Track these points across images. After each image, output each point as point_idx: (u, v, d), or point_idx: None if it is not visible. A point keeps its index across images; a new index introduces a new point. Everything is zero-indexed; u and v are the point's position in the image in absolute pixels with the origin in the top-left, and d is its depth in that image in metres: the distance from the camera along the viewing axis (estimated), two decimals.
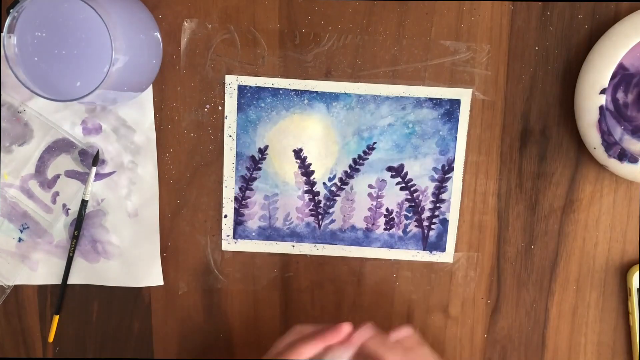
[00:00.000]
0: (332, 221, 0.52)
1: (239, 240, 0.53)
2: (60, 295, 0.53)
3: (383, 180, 0.51)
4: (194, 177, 0.52)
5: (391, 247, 0.52)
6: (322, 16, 0.49)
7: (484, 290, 0.53)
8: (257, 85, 0.50)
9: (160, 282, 0.53)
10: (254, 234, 0.53)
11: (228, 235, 0.53)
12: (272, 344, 0.54)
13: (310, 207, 0.52)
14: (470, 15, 0.49)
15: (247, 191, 0.52)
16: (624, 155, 0.47)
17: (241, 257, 0.53)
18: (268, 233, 0.53)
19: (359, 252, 0.53)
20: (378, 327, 0.45)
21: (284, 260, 0.53)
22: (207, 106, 0.51)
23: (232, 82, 0.50)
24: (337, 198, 0.52)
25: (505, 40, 0.49)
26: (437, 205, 0.52)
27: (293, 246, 0.53)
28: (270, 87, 0.50)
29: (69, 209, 0.52)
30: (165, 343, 0.55)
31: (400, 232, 0.52)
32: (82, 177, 0.52)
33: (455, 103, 0.50)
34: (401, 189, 0.52)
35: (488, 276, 0.53)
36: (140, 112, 0.50)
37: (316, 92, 0.50)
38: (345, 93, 0.50)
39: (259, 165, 0.52)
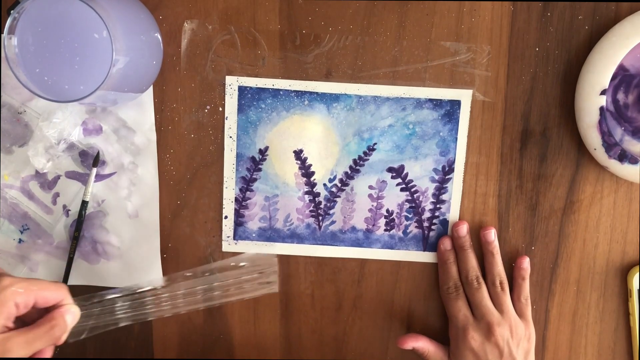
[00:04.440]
0: (333, 222, 0.52)
1: (239, 241, 0.53)
2: None
3: (383, 181, 0.51)
4: (194, 178, 0.52)
5: (391, 248, 0.52)
6: (322, 17, 0.49)
7: None
8: (257, 86, 0.50)
9: (161, 282, 0.53)
10: (254, 235, 0.53)
11: (228, 237, 0.53)
12: (272, 345, 0.55)
13: (311, 208, 0.52)
14: (471, 16, 0.49)
15: (248, 192, 0.52)
16: (624, 156, 0.47)
17: None
18: (268, 234, 0.53)
19: (360, 253, 0.53)
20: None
21: (284, 261, 0.53)
22: (208, 107, 0.51)
23: (233, 83, 0.50)
24: (337, 199, 0.52)
25: (506, 41, 0.49)
26: (438, 206, 0.52)
27: (293, 247, 0.53)
28: (271, 88, 0.50)
29: (69, 210, 0.52)
30: (165, 344, 0.55)
31: (400, 233, 0.52)
32: (83, 178, 0.52)
33: (455, 104, 0.50)
34: (401, 189, 0.52)
35: None
36: (140, 113, 0.50)
37: (316, 93, 0.50)
38: (345, 94, 0.50)
39: (260, 166, 0.52)
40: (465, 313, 0.50)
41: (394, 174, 0.51)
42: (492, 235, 0.51)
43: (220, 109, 0.51)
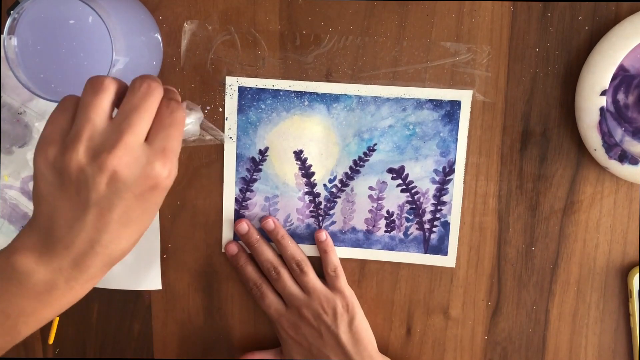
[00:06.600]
0: (333, 223, 0.52)
1: (239, 241, 0.53)
2: None
3: (384, 182, 0.51)
4: (194, 178, 0.52)
5: (392, 249, 0.52)
6: (322, 17, 0.49)
7: (484, 292, 0.53)
8: (257, 86, 0.50)
9: (159, 284, 0.53)
10: None
11: (228, 237, 0.53)
12: (272, 345, 0.54)
13: (311, 209, 0.52)
14: (471, 17, 0.49)
15: (248, 192, 0.52)
16: (624, 157, 0.47)
17: None
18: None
19: (360, 254, 0.53)
20: None
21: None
22: (208, 107, 0.51)
23: (233, 83, 0.50)
24: (337, 199, 0.52)
25: (506, 42, 0.49)
26: (439, 207, 0.52)
27: None
28: (271, 89, 0.50)
29: None
30: (166, 345, 0.55)
31: (401, 235, 0.52)
32: None
33: (455, 104, 0.50)
34: (402, 190, 0.51)
35: (488, 277, 0.53)
36: None
37: (316, 93, 0.50)
38: (345, 94, 0.50)
39: (260, 167, 0.52)
40: (276, 307, 0.51)
41: (394, 175, 0.51)
42: (270, 223, 0.51)
43: (220, 109, 0.51)
